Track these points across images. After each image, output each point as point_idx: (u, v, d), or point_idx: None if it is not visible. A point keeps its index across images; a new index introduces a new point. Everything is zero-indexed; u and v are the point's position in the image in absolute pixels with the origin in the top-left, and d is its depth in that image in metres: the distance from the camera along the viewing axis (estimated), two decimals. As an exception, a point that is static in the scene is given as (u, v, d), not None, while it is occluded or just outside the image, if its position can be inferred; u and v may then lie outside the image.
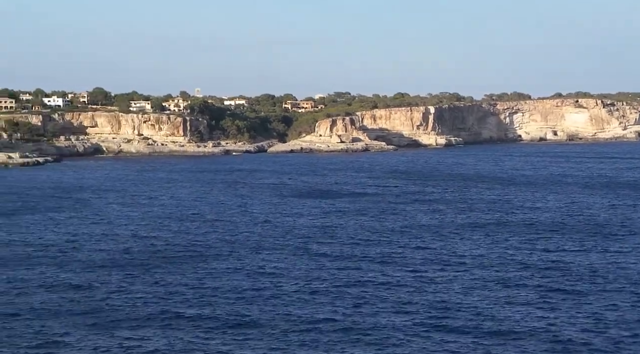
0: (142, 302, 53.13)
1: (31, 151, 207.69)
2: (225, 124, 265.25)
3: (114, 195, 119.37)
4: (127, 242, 76.08)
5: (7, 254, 69.83)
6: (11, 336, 45.81)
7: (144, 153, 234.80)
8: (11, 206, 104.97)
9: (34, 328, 47.28)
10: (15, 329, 46.99)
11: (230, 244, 74.78)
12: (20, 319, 49.05)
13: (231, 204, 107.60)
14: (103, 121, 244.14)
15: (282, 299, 53.70)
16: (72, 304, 52.45)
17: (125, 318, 49.58)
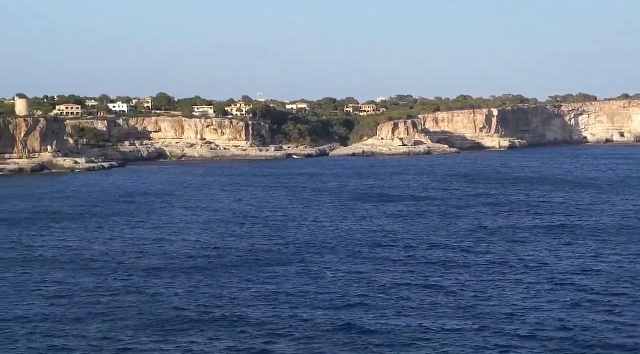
0: (207, 306, 53.19)
1: (97, 156, 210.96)
2: (287, 128, 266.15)
3: (178, 200, 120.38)
4: (192, 247, 76.41)
5: (73, 258, 70.75)
6: (80, 340, 46.17)
7: (206, 157, 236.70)
8: (77, 210, 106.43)
9: (102, 333, 47.55)
10: (83, 334, 47.32)
11: (292, 248, 74.71)
12: (88, 324, 49.41)
13: (293, 208, 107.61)
14: (167, 126, 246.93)
15: (346, 304, 53.41)
16: (139, 309, 52.70)
17: (192, 322, 49.64)
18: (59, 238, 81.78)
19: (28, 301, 54.94)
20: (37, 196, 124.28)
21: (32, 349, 44.75)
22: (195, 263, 67.79)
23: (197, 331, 47.91)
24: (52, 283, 60.55)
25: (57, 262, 68.78)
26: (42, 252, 73.59)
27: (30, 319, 50.17)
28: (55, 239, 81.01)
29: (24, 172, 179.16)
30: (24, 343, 45.68)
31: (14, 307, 53.26)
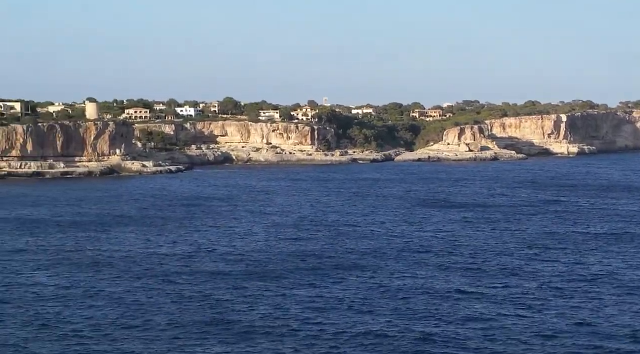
0: (272, 313, 52.69)
1: (164, 159, 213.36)
2: (353, 133, 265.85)
3: (243, 204, 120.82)
4: (256, 251, 76.31)
5: (139, 261, 71.17)
6: (147, 344, 46.20)
7: (272, 162, 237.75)
8: (144, 214, 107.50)
9: (166, 339, 47.44)
10: (147, 340, 47.34)
11: (356, 254, 74.18)
12: (152, 330, 49.31)
13: (357, 213, 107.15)
14: (233, 130, 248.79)
15: (411, 313, 52.40)
16: (205, 315, 52.37)
17: (257, 329, 48.99)
18: (126, 241, 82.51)
19: (97, 304, 55.24)
20: (106, 199, 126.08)
21: (101, 352, 44.95)
22: (260, 268, 67.50)
23: (267, 338, 47.30)
24: (118, 286, 60.92)
25: (123, 265, 69.12)
26: (109, 255, 74.32)
27: (99, 324, 50.36)
28: (122, 243, 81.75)
29: (93, 175, 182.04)
30: (92, 346, 45.89)
31: (82, 311, 53.63)
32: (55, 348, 45.32)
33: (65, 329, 48.98)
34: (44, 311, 53.24)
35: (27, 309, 53.66)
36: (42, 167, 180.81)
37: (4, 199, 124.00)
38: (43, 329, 49.05)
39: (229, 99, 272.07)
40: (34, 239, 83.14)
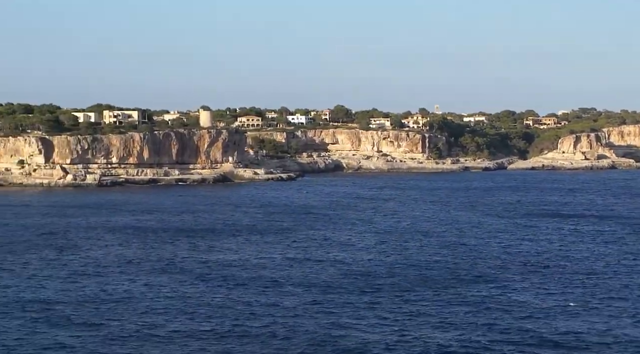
0: (386, 331, 50.58)
1: (275, 167, 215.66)
2: (465, 141, 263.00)
3: (354, 212, 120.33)
4: (366, 263, 74.88)
5: (250, 271, 71.11)
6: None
7: (382, 170, 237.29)
8: (255, 222, 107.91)
9: (269, 350, 47.26)
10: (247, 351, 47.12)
11: (467, 266, 72.37)
12: (253, 343, 48.70)
13: (466, 223, 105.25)
14: (343, 138, 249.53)
15: (530, 336, 49.03)
16: (309, 331, 50.94)
17: (367, 347, 46.98)
18: (236, 250, 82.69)
19: (196, 312, 55.32)
20: (219, 207, 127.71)
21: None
22: (370, 281, 65.62)
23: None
24: (223, 295, 60.67)
25: (233, 274, 68.98)
26: (218, 264, 74.70)
27: (216, 331, 50.38)
28: (232, 252, 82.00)
29: (207, 182, 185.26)
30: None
31: (192, 320, 53.85)
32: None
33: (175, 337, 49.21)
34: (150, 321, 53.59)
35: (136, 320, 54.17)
36: (158, 174, 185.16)
37: (122, 206, 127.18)
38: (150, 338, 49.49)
39: (340, 107, 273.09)
40: (146, 247, 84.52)
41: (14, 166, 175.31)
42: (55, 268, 70.94)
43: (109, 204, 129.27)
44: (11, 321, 52.12)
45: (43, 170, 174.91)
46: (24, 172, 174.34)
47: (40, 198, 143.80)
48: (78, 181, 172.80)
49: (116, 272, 69.43)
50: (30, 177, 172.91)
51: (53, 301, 57.70)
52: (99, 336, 48.74)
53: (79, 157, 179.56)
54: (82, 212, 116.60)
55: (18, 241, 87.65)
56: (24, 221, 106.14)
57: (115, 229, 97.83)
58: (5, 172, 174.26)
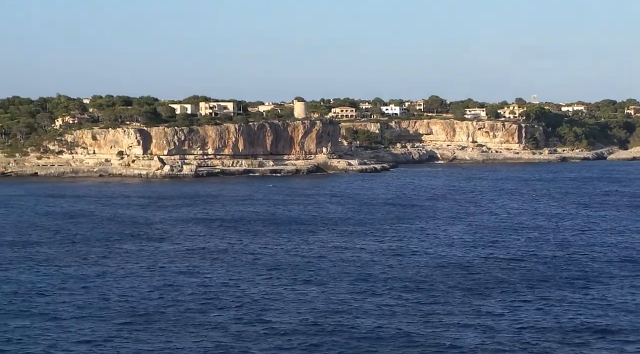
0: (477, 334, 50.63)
1: (369, 157, 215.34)
2: (562, 131, 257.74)
3: (447, 203, 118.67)
4: (460, 257, 73.78)
5: (337, 264, 70.91)
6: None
7: (477, 160, 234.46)
8: (345, 215, 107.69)
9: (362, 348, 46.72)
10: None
11: (565, 267, 69.93)
12: (346, 338, 48.52)
13: (566, 216, 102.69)
14: (438, 129, 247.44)
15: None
16: (399, 332, 50.67)
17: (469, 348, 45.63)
18: (329, 243, 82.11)
19: (285, 306, 55.38)
20: (313, 198, 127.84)
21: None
22: (467, 276, 64.02)
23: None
24: (317, 290, 60.62)
25: (327, 268, 68.58)
26: (311, 257, 74.55)
27: (282, 327, 50.48)
28: (325, 244, 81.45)
29: (300, 173, 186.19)
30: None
31: (279, 313, 53.98)
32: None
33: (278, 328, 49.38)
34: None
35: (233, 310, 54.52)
36: (252, 165, 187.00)
37: (217, 198, 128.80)
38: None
39: (435, 98, 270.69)
40: (238, 239, 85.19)
41: (113, 157, 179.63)
42: (151, 259, 72.25)
43: (204, 195, 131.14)
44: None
45: (141, 161, 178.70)
46: (123, 164, 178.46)
47: (137, 189, 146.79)
48: (175, 172, 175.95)
49: (211, 264, 70.15)
50: (129, 168, 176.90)
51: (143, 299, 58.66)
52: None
53: (175, 148, 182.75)
54: (177, 204, 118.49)
55: (116, 232, 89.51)
56: (123, 211, 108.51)
57: (210, 220, 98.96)
58: (105, 164, 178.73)
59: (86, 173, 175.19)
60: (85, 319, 50.82)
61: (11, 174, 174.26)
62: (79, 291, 58.76)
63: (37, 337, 47.11)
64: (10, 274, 64.64)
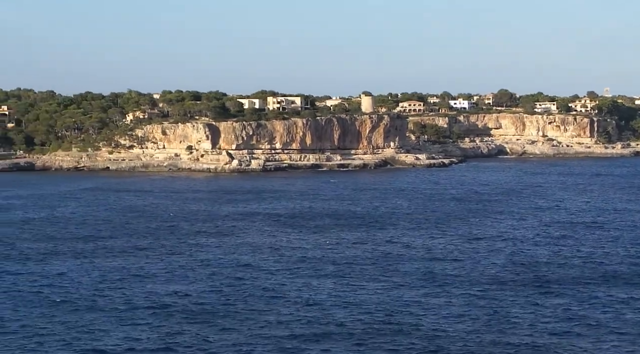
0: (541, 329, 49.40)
1: (437, 152, 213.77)
2: (636, 125, 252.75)
3: (517, 199, 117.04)
4: (531, 255, 72.85)
5: (404, 261, 70.49)
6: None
7: (547, 155, 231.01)
8: (416, 209, 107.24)
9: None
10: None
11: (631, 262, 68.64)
12: (410, 340, 47.98)
13: (637, 213, 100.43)
14: (507, 123, 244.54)
15: None
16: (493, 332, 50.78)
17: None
18: (397, 240, 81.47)
19: (349, 305, 55.14)
20: (380, 193, 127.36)
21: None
22: (539, 274, 62.63)
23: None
24: (383, 290, 60.36)
25: (395, 267, 68.15)
26: (377, 255, 74.23)
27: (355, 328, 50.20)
28: (393, 241, 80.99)
29: (368, 167, 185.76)
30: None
31: (345, 312, 53.79)
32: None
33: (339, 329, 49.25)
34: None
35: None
36: (320, 159, 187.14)
37: (284, 193, 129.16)
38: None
39: (504, 91, 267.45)
40: (304, 234, 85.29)
41: (182, 152, 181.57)
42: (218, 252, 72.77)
43: (272, 190, 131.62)
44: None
45: (210, 155, 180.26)
46: (192, 158, 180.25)
47: (206, 184, 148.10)
48: (243, 167, 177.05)
49: (277, 260, 70.31)
50: (198, 163, 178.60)
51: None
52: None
53: (244, 142, 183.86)
54: (244, 198, 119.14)
55: (183, 227, 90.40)
56: (192, 206, 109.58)
57: (277, 215, 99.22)
58: (175, 158, 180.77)
59: (156, 167, 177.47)
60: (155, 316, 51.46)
61: (84, 168, 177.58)
62: (136, 286, 59.47)
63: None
64: (90, 264, 65.74)
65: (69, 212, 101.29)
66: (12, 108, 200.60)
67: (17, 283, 60.04)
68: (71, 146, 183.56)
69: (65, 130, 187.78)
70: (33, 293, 56.92)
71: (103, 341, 45.77)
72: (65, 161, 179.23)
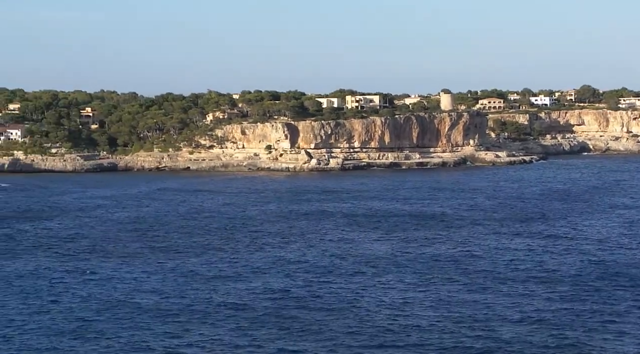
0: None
1: (517, 149, 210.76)
2: None
3: (605, 198, 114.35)
4: (623, 257, 71.02)
5: (483, 262, 69.57)
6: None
7: (632, 151, 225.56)
8: (497, 208, 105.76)
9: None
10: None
11: None
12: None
13: None
14: (590, 119, 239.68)
15: None
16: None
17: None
18: (473, 240, 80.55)
19: (442, 307, 54.52)
20: (458, 193, 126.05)
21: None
22: (626, 280, 60.52)
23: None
24: (466, 292, 59.74)
25: (468, 266, 67.41)
26: (457, 257, 73.47)
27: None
28: (467, 242, 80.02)
29: (447, 165, 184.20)
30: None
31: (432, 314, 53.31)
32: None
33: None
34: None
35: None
36: (399, 158, 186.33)
37: (363, 193, 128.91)
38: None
39: (587, 87, 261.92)
40: (382, 234, 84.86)
41: (262, 151, 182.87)
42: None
43: (351, 190, 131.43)
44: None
45: (289, 155, 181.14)
46: (271, 157, 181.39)
47: (285, 183, 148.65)
48: (322, 166, 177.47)
49: (355, 261, 70.10)
50: (277, 162, 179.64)
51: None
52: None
53: (322, 141, 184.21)
54: (323, 198, 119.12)
55: (259, 227, 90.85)
56: (268, 206, 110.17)
57: (354, 216, 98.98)
58: (254, 158, 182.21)
59: (235, 167, 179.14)
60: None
61: (165, 168, 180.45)
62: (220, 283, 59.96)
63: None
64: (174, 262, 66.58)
65: (151, 212, 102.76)
66: (96, 110, 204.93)
67: (101, 286, 61.08)
68: (153, 146, 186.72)
69: (147, 131, 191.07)
70: (118, 292, 57.91)
71: (184, 338, 46.24)
72: (147, 162, 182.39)
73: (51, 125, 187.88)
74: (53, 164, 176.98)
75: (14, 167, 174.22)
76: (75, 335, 47.45)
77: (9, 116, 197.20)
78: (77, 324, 49.56)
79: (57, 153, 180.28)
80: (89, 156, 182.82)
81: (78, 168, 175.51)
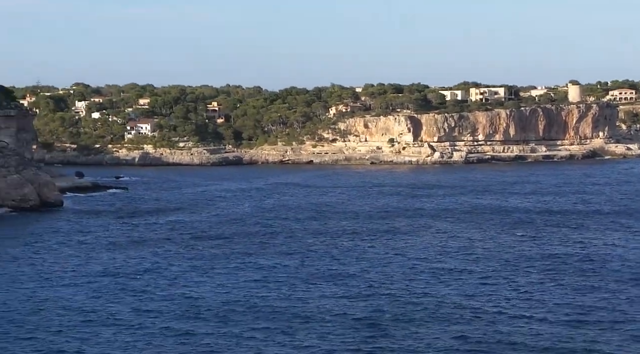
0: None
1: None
2: None
3: None
4: None
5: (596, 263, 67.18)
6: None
7: None
8: (622, 202, 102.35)
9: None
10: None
11: None
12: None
13: None
14: None
15: None
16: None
17: None
18: (597, 241, 77.69)
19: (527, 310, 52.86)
20: (584, 187, 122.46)
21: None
22: None
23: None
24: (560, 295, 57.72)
25: (584, 267, 65.11)
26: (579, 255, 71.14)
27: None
28: (587, 242, 76.95)
29: (575, 158, 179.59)
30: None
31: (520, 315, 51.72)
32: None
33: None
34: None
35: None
36: (524, 151, 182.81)
37: (487, 187, 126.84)
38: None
39: None
40: (503, 235, 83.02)
41: (384, 145, 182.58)
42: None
43: (475, 184, 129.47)
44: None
45: (411, 148, 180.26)
46: (394, 151, 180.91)
47: (408, 176, 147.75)
48: (445, 159, 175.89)
49: (476, 264, 68.81)
50: (399, 156, 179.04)
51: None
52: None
53: (445, 135, 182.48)
54: (446, 193, 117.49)
55: (376, 224, 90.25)
56: (389, 200, 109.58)
57: (476, 213, 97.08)
58: (376, 151, 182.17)
59: (358, 161, 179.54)
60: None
61: (288, 162, 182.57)
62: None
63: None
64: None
65: (276, 205, 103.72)
66: (222, 104, 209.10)
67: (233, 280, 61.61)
68: (277, 140, 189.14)
69: (271, 124, 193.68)
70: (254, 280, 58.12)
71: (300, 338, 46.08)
72: (271, 155, 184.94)
73: (179, 119, 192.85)
74: (181, 158, 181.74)
75: (144, 161, 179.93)
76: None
77: (139, 111, 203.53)
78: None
79: (184, 147, 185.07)
80: (215, 149, 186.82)
81: (204, 161, 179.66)
